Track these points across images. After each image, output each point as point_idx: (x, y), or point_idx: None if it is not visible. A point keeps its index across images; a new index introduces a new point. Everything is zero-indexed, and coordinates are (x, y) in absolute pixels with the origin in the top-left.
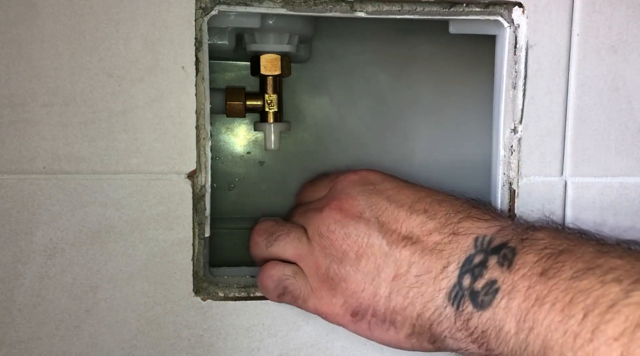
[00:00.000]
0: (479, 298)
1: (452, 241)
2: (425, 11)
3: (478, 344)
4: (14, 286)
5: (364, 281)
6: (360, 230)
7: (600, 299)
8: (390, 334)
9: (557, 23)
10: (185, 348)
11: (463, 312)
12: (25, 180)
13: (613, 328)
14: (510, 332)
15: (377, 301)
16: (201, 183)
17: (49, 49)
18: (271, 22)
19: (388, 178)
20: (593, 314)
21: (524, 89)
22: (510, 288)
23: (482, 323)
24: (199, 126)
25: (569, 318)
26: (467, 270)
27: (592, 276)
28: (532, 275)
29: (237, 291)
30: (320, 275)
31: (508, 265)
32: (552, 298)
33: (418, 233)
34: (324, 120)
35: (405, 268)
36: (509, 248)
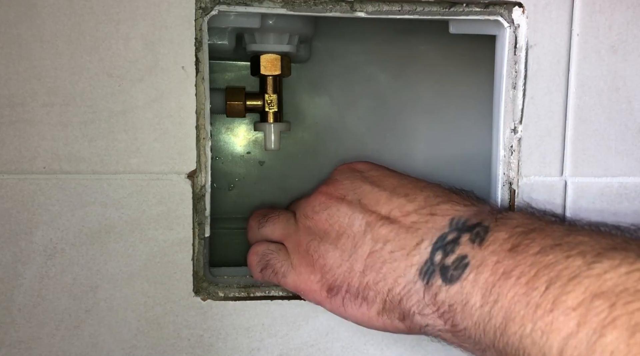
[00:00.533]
0: (449, 273)
1: (428, 221)
2: (425, 11)
3: (444, 319)
4: (14, 286)
5: (341, 257)
6: (342, 211)
7: (563, 272)
8: (362, 311)
9: (557, 23)
10: (185, 348)
11: (432, 287)
12: (25, 180)
13: (572, 298)
14: (476, 305)
15: (352, 277)
16: (201, 183)
17: (48, 49)
18: (271, 22)
19: (376, 167)
20: (555, 286)
21: (524, 89)
22: (479, 263)
23: (449, 297)
24: (199, 126)
25: (532, 291)
26: (439, 246)
27: (559, 251)
28: (502, 250)
29: (237, 291)
30: (301, 252)
31: (480, 241)
32: (517, 272)
33: (397, 214)
34: (324, 120)
35: (380, 245)
36: (483, 227)
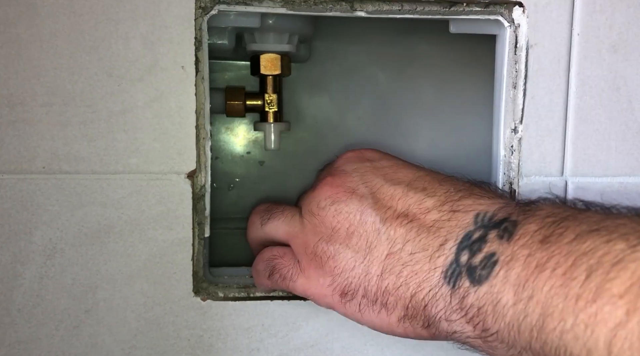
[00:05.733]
0: (477, 273)
1: (451, 218)
2: (425, 11)
3: (474, 324)
4: (13, 286)
5: (354, 259)
6: (352, 207)
7: (604, 257)
8: (381, 317)
9: (557, 22)
10: (185, 348)
11: (459, 290)
12: (24, 180)
13: (618, 285)
14: (508, 304)
15: (369, 281)
16: (201, 183)
17: (48, 49)
18: (271, 21)
19: (386, 156)
20: (596, 274)
21: (524, 89)
22: (509, 258)
23: (478, 299)
24: (198, 126)
25: (570, 281)
26: (465, 246)
27: (597, 237)
28: (533, 243)
29: (237, 291)
30: (309, 253)
31: (508, 237)
32: (553, 264)
33: (415, 211)
34: (324, 120)
35: (399, 246)
36: (511, 222)
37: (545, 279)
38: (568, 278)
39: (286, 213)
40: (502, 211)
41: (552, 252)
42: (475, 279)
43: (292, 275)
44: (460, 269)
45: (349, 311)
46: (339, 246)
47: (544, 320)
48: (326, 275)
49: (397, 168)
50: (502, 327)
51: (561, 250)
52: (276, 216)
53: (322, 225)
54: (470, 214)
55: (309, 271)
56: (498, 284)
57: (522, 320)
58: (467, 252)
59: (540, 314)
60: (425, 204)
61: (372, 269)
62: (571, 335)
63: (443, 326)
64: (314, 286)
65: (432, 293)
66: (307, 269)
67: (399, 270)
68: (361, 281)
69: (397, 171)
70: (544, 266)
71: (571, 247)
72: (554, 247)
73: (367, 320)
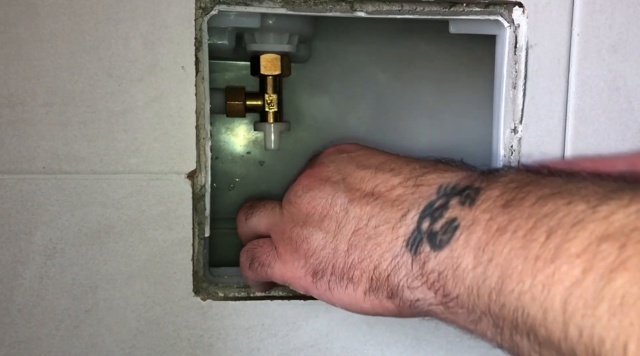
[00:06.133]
0: (437, 239)
1: (414, 192)
2: (425, 11)
3: (434, 290)
4: (14, 286)
5: (324, 239)
6: (325, 192)
7: (564, 219)
8: (348, 292)
9: (557, 23)
10: (185, 348)
11: (420, 256)
12: (24, 180)
13: (576, 245)
14: (468, 268)
15: (337, 258)
16: (201, 183)
17: (48, 49)
18: (271, 22)
19: (363, 147)
20: (556, 235)
21: (524, 89)
22: (470, 223)
23: (439, 264)
24: (198, 126)
25: (530, 243)
26: (427, 214)
27: (559, 199)
28: (495, 207)
29: (237, 291)
30: (285, 239)
31: (470, 203)
32: (513, 227)
33: (381, 189)
34: (324, 120)
35: (365, 222)
36: (473, 189)
37: (505, 242)
38: (528, 240)
39: (267, 206)
40: (465, 180)
41: (513, 216)
42: (435, 244)
43: (270, 261)
44: (422, 236)
45: (320, 290)
46: (312, 229)
47: (503, 282)
48: (300, 257)
49: (370, 155)
50: (462, 291)
51: (522, 213)
52: (258, 210)
53: (298, 212)
54: (433, 187)
55: (285, 256)
56: (458, 248)
57: (481, 283)
58: (428, 219)
59: (499, 276)
60: (391, 182)
61: (340, 246)
62: (529, 296)
63: (406, 294)
64: (290, 270)
65: (394, 261)
66: (283, 254)
67: (364, 243)
68: (330, 259)
69: (369, 158)
70: (505, 229)
71: (532, 210)
72: (515, 211)
73: (337, 298)
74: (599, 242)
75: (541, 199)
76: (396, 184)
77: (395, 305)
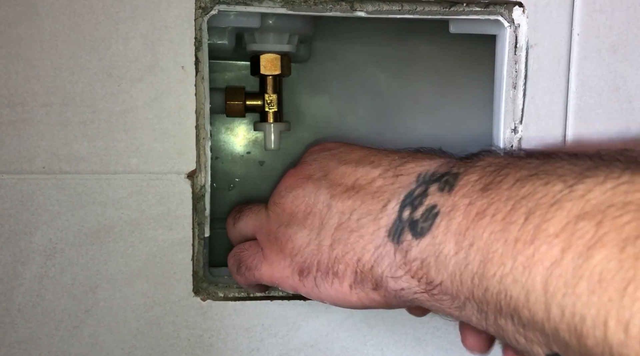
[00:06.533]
0: (419, 226)
1: (394, 182)
2: (425, 11)
3: (418, 278)
4: (14, 286)
5: (309, 237)
6: (308, 190)
7: (542, 199)
8: (335, 287)
9: (557, 23)
10: (185, 348)
11: (402, 244)
12: (24, 180)
13: (555, 225)
14: (450, 254)
15: (321, 254)
16: (201, 183)
17: (48, 49)
18: (271, 21)
19: (345, 144)
20: (534, 216)
21: (524, 89)
22: (450, 209)
23: (421, 252)
24: (198, 126)
25: (509, 225)
26: (407, 203)
27: (536, 180)
28: (473, 192)
29: (236, 291)
30: (271, 239)
31: (449, 188)
32: (492, 210)
33: (362, 182)
34: (324, 120)
35: (347, 216)
36: (452, 175)
37: (485, 226)
38: (507, 223)
39: (254, 209)
40: (444, 167)
41: (492, 199)
42: (417, 232)
43: (257, 264)
44: (403, 225)
45: (308, 288)
46: (296, 227)
47: (485, 266)
48: (286, 257)
49: (350, 151)
50: (445, 278)
51: (501, 196)
52: (245, 214)
53: (282, 212)
54: (412, 175)
55: (271, 256)
56: (439, 235)
57: (463, 269)
58: (409, 207)
59: (480, 261)
60: (371, 175)
61: (324, 242)
62: (510, 278)
63: (391, 284)
64: (277, 270)
65: (377, 252)
66: (269, 255)
67: (347, 237)
68: (315, 256)
69: (350, 153)
70: (484, 213)
71: (511, 193)
72: (494, 194)
73: (324, 294)
74: (576, 221)
75: (519, 181)
76: (376, 176)
77: (381, 296)
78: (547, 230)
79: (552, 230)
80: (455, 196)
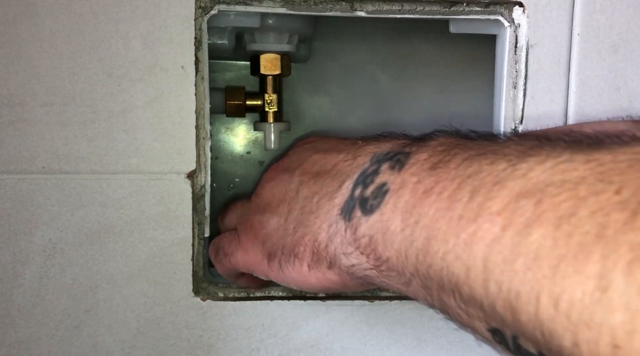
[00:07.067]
0: (368, 204)
1: (352, 164)
2: (425, 10)
3: (366, 254)
4: (13, 286)
5: (278, 222)
6: (283, 180)
7: (486, 179)
8: (296, 269)
9: (557, 22)
10: (185, 348)
11: (353, 221)
12: (24, 180)
13: (497, 203)
14: (397, 231)
15: (286, 238)
16: (201, 183)
17: (48, 49)
18: (271, 21)
19: (324, 137)
20: (479, 194)
21: (524, 89)
22: (399, 186)
23: (370, 228)
24: (198, 126)
25: (454, 203)
26: (360, 182)
27: (483, 160)
28: (422, 170)
29: (236, 291)
30: (247, 227)
31: (400, 167)
32: (439, 188)
33: (327, 167)
34: (324, 120)
35: (310, 200)
36: (404, 154)
37: (431, 203)
38: (452, 201)
39: (238, 203)
40: (397, 146)
41: (440, 178)
42: (366, 209)
43: (233, 250)
44: (354, 202)
45: (274, 271)
46: (269, 215)
47: (429, 243)
48: (259, 243)
49: (326, 141)
50: (392, 254)
51: (448, 175)
52: (231, 209)
53: (260, 202)
54: (368, 156)
55: (246, 243)
56: (388, 212)
57: (409, 245)
58: (360, 186)
59: (425, 238)
60: (335, 160)
61: (289, 226)
62: (452, 255)
63: (342, 261)
64: (250, 256)
65: (331, 230)
66: (244, 242)
67: (307, 218)
68: (281, 239)
69: (325, 143)
70: (431, 191)
71: (458, 171)
72: (442, 173)
73: (288, 277)
74: (517, 199)
75: (466, 160)
76: (339, 160)
77: (336, 275)
78: (489, 208)
79: (494, 208)
80: (405, 174)
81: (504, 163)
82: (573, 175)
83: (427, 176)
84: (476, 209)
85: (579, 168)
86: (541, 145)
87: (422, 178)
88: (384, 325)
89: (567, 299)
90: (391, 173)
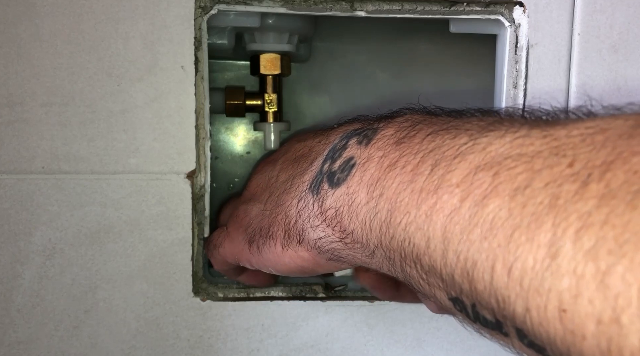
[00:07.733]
0: (335, 177)
1: (325, 143)
2: (425, 10)
3: (332, 226)
4: (13, 286)
5: (259, 208)
6: (269, 170)
7: (447, 152)
8: (271, 250)
9: (558, 22)
10: (185, 348)
11: (320, 194)
12: (24, 180)
13: (457, 176)
14: (361, 203)
15: (263, 220)
16: (200, 183)
17: (47, 49)
18: (271, 21)
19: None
20: (440, 167)
21: (524, 89)
22: (365, 160)
23: (336, 201)
24: (198, 126)
25: (416, 176)
26: (329, 157)
27: (445, 134)
28: (388, 145)
29: (236, 291)
30: (233, 217)
31: (367, 142)
32: (403, 162)
33: (305, 151)
34: (324, 120)
35: (286, 182)
36: (372, 129)
37: (394, 176)
38: (415, 174)
39: (232, 200)
40: (366, 124)
41: (404, 152)
42: (333, 183)
43: (221, 241)
44: (322, 176)
45: (254, 255)
46: (253, 203)
47: (392, 215)
48: (242, 231)
49: (308, 131)
50: (356, 226)
51: (412, 149)
52: (225, 205)
53: (247, 193)
54: (340, 134)
55: (232, 233)
56: (353, 185)
57: (373, 217)
58: (329, 160)
59: (388, 210)
60: (311, 143)
61: (267, 209)
62: (414, 226)
63: (310, 235)
64: (235, 244)
65: (299, 205)
66: (231, 232)
67: (282, 198)
68: (259, 223)
69: (307, 133)
70: (395, 165)
71: (421, 146)
72: (406, 147)
73: (265, 259)
74: (476, 172)
75: (430, 135)
76: (314, 143)
77: (307, 251)
78: (449, 180)
79: (454, 180)
80: (371, 149)
81: (465, 137)
82: (529, 149)
83: (392, 150)
84: (437, 181)
85: (535, 142)
86: (501, 121)
87: (387, 152)
88: (384, 325)
89: (519, 267)
90: (358, 148)
